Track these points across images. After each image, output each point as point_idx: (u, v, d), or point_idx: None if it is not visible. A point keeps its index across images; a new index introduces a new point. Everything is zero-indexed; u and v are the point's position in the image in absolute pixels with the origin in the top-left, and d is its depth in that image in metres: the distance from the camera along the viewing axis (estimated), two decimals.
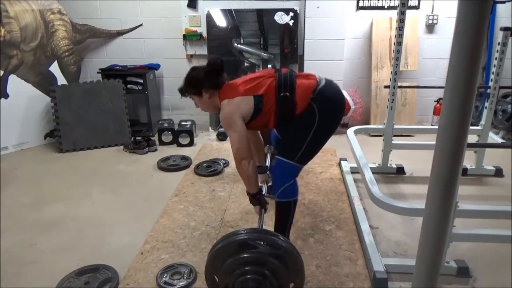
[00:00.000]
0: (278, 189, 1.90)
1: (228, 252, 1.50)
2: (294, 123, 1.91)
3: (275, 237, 1.53)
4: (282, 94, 1.87)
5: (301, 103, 1.88)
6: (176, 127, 3.97)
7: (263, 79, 1.93)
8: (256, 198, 2.02)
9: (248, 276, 1.46)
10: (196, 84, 2.02)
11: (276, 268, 1.46)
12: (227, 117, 1.91)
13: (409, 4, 3.74)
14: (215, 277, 1.55)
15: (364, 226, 2.24)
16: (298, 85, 1.90)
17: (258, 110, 1.91)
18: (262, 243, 1.51)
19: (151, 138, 3.86)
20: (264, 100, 1.89)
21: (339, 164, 3.23)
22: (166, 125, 3.96)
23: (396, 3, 3.84)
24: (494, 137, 3.08)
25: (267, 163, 2.43)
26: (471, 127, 2.61)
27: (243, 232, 1.56)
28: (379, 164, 3.13)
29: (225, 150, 3.69)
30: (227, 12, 4.15)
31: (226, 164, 3.31)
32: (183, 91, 2.10)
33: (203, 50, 4.29)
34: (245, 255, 1.48)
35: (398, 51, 2.73)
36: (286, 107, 1.89)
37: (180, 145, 3.88)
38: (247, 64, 4.24)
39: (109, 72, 4.13)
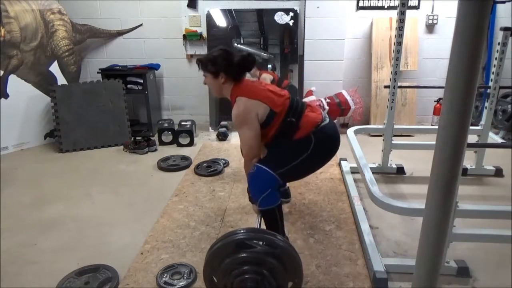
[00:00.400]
0: (258, 198, 1.91)
1: (226, 252, 1.50)
2: (288, 143, 1.95)
3: (272, 237, 1.53)
4: (289, 119, 1.94)
5: (302, 132, 1.95)
6: (176, 127, 3.97)
7: (283, 99, 1.99)
8: None
9: (247, 276, 1.46)
10: (220, 66, 1.99)
11: (274, 268, 1.47)
12: (245, 113, 1.92)
13: (409, 4, 3.74)
14: (214, 277, 1.55)
15: (364, 226, 2.24)
16: (305, 115, 1.97)
17: (266, 123, 1.95)
18: (260, 242, 1.51)
19: (151, 138, 3.86)
20: (275, 118, 1.94)
21: (339, 164, 3.23)
22: (166, 125, 3.96)
23: (396, 3, 3.84)
24: (494, 137, 3.08)
25: None
26: (471, 127, 2.60)
27: (241, 232, 1.56)
28: (379, 164, 3.13)
29: (225, 150, 3.69)
30: (227, 12, 4.15)
31: (226, 164, 3.31)
32: (204, 65, 2.04)
33: (203, 50, 4.29)
34: (243, 255, 1.48)
35: (398, 51, 2.73)
36: (287, 131, 1.95)
37: (180, 145, 3.88)
38: None
39: (109, 72, 4.13)
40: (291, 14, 4.10)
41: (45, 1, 3.85)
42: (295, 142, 1.95)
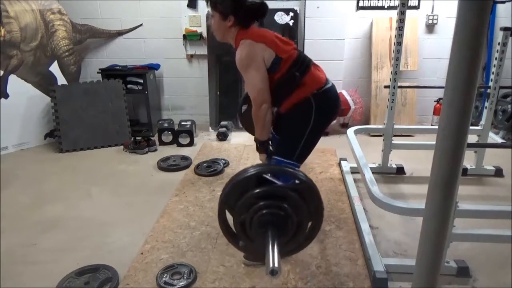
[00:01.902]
0: None
1: (246, 187, 1.37)
2: (291, 119, 1.92)
3: (296, 172, 1.41)
4: (294, 71, 1.87)
5: (305, 90, 1.88)
6: (176, 127, 3.96)
7: (290, 47, 1.92)
8: (264, 146, 1.99)
9: (268, 211, 1.34)
10: (231, 7, 1.89)
11: (296, 203, 1.35)
12: (251, 55, 1.84)
13: (409, 4, 3.73)
14: (230, 213, 1.43)
15: (364, 226, 2.24)
16: (311, 72, 1.92)
17: (271, 70, 1.86)
18: (281, 178, 1.40)
19: (151, 138, 3.86)
20: (281, 65, 1.86)
21: (339, 164, 3.23)
22: (166, 125, 3.96)
23: (396, 3, 3.84)
24: (494, 137, 3.08)
25: None
26: (471, 127, 2.60)
27: (263, 166, 1.47)
28: (379, 164, 3.13)
29: (225, 150, 3.70)
30: None
31: (226, 164, 3.31)
32: (214, 3, 1.94)
33: (203, 50, 4.29)
34: (264, 189, 1.36)
35: (398, 51, 2.73)
36: (289, 84, 1.88)
37: (180, 145, 3.88)
38: None
39: (109, 72, 4.13)
40: (291, 14, 4.10)
41: (45, 1, 3.85)
42: (296, 115, 1.90)
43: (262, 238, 1.33)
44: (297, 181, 1.36)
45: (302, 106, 1.90)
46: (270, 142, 2.06)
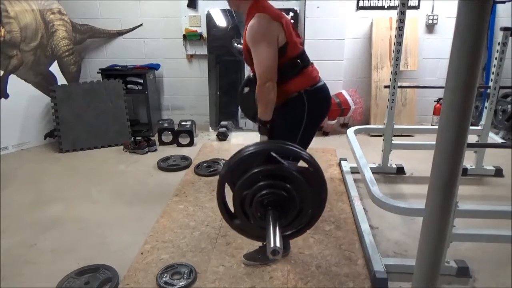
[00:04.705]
0: None
1: (251, 163, 1.32)
2: (284, 117, 1.91)
3: (303, 153, 1.36)
4: (296, 60, 1.86)
5: (299, 80, 1.88)
6: (176, 127, 3.97)
7: (299, 40, 1.93)
8: (266, 127, 1.99)
9: (271, 190, 1.30)
10: None
11: (301, 186, 1.30)
12: (266, 30, 1.78)
13: (409, 4, 3.73)
14: (230, 189, 1.38)
15: (364, 226, 2.24)
16: (309, 69, 1.93)
17: (278, 53, 1.82)
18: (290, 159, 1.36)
19: (151, 138, 3.86)
20: (287, 52, 1.84)
21: (339, 164, 3.23)
22: (166, 125, 3.96)
23: (396, 3, 3.84)
24: (494, 137, 3.08)
25: None
26: (471, 127, 2.61)
27: (268, 143, 1.45)
28: (379, 164, 3.13)
29: (225, 150, 3.69)
30: (227, 12, 4.14)
31: None
32: None
33: (203, 50, 4.29)
34: (270, 168, 1.31)
35: (398, 51, 2.73)
36: (289, 71, 1.86)
37: (180, 145, 3.88)
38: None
39: (109, 72, 4.13)
40: (291, 14, 4.10)
41: (45, 1, 3.85)
42: (289, 113, 1.90)
43: (262, 217, 1.29)
44: (306, 165, 1.31)
45: (294, 103, 1.89)
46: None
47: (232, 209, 1.39)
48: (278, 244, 1.15)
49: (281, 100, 1.94)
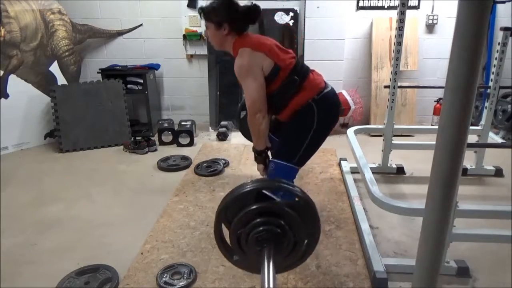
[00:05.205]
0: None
1: (244, 201, 1.37)
2: (293, 123, 1.92)
3: (293, 188, 1.40)
4: (292, 77, 1.88)
5: (305, 93, 1.89)
6: (176, 127, 3.97)
7: (289, 56, 1.93)
8: (261, 156, 1.99)
9: (265, 227, 1.34)
10: (225, 16, 1.91)
11: (293, 221, 1.34)
12: (249, 64, 1.85)
13: (409, 4, 3.73)
14: (226, 227, 1.42)
15: (364, 226, 2.24)
16: (310, 77, 1.92)
17: (270, 78, 1.87)
18: (280, 193, 1.40)
19: (151, 138, 3.86)
20: (280, 73, 1.87)
21: (339, 164, 3.23)
22: (166, 125, 3.96)
23: (396, 3, 3.84)
24: (494, 137, 3.08)
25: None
26: (471, 127, 2.60)
27: (260, 182, 1.48)
28: (379, 164, 3.13)
29: (225, 150, 3.69)
30: None
31: (226, 164, 3.31)
32: (206, 13, 1.95)
33: (203, 50, 4.29)
34: (264, 205, 1.35)
35: (398, 51, 2.73)
36: (289, 89, 1.88)
37: (180, 145, 3.88)
38: None
39: (109, 72, 4.13)
40: (291, 14, 4.10)
41: (45, 1, 3.85)
42: (298, 120, 1.90)
43: (258, 255, 1.34)
44: (295, 198, 1.36)
45: (304, 111, 1.90)
46: (268, 151, 2.06)
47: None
48: (272, 285, 1.19)
49: (290, 114, 1.95)
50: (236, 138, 4.10)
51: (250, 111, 1.90)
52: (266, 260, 1.28)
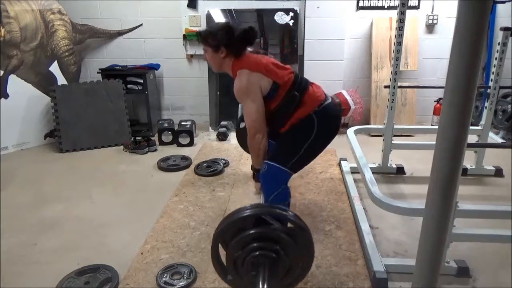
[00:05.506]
0: (269, 196, 1.90)
1: (242, 225, 1.43)
2: (292, 130, 1.93)
3: (288, 215, 1.47)
4: (292, 92, 1.89)
5: (305, 109, 1.91)
6: (176, 127, 3.97)
7: (287, 72, 1.95)
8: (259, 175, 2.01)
9: (261, 252, 1.40)
10: (221, 40, 1.95)
11: (288, 247, 1.41)
12: (247, 86, 1.89)
13: (409, 4, 3.73)
14: (223, 248, 1.49)
15: (364, 226, 2.24)
16: (309, 91, 1.95)
17: (270, 96, 1.90)
18: (276, 219, 1.45)
19: (151, 138, 3.86)
20: (279, 90, 1.89)
21: (339, 164, 3.23)
22: (166, 125, 3.96)
23: (396, 3, 3.84)
24: (494, 137, 3.08)
25: None
26: (471, 127, 2.61)
27: (262, 207, 1.54)
28: (379, 164, 3.13)
29: (225, 150, 3.69)
30: (227, 12, 4.15)
31: (226, 164, 3.31)
32: (204, 38, 2.00)
33: (203, 50, 4.28)
34: (261, 230, 1.41)
35: (398, 51, 2.73)
36: (289, 105, 1.90)
37: (180, 145, 3.88)
38: None
39: (109, 72, 4.13)
40: (291, 14, 4.10)
41: (45, 1, 3.85)
42: (298, 128, 1.92)
43: (253, 277, 1.39)
44: (290, 224, 1.42)
45: (304, 123, 1.93)
46: None
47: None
48: None
49: (292, 125, 1.97)
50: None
51: (250, 132, 1.95)
52: (261, 283, 1.34)
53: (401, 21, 2.65)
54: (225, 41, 1.94)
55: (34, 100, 3.84)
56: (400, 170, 3.14)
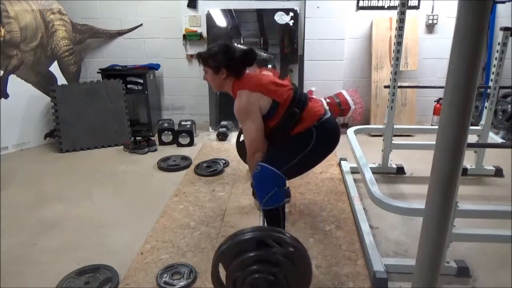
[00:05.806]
0: (263, 198, 1.90)
1: (242, 248, 1.49)
2: (291, 138, 1.94)
3: (287, 239, 1.52)
4: (292, 109, 1.92)
5: (304, 124, 1.93)
6: (176, 127, 3.97)
7: (286, 89, 1.97)
8: None
9: (260, 275, 1.46)
10: (221, 61, 1.96)
11: (288, 270, 1.47)
12: (247, 106, 1.91)
13: (409, 4, 3.73)
14: (223, 267, 1.54)
15: (364, 226, 2.24)
16: (308, 107, 1.96)
17: (269, 114, 1.93)
18: (276, 242, 1.50)
19: (151, 138, 3.86)
20: (279, 108, 1.93)
21: (339, 164, 3.23)
22: (166, 125, 3.96)
23: (396, 3, 3.84)
24: (494, 137, 3.08)
25: None
26: (471, 127, 2.60)
27: (263, 230, 1.57)
28: (379, 164, 3.13)
29: (225, 150, 3.70)
30: (227, 12, 4.15)
31: (226, 164, 3.31)
32: (205, 60, 2.01)
33: (203, 50, 4.28)
34: (261, 253, 1.47)
35: (398, 51, 2.73)
36: (289, 122, 1.93)
37: (180, 145, 3.88)
38: None
39: (109, 72, 4.13)
40: (291, 14, 4.10)
41: (45, 1, 3.85)
42: (297, 137, 1.93)
43: None
44: (290, 248, 1.47)
45: (303, 134, 1.94)
46: None
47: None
48: None
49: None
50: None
51: (249, 151, 1.97)
52: None
53: (401, 21, 2.65)
54: (226, 63, 1.96)
55: (34, 100, 3.84)
56: (400, 170, 3.14)
